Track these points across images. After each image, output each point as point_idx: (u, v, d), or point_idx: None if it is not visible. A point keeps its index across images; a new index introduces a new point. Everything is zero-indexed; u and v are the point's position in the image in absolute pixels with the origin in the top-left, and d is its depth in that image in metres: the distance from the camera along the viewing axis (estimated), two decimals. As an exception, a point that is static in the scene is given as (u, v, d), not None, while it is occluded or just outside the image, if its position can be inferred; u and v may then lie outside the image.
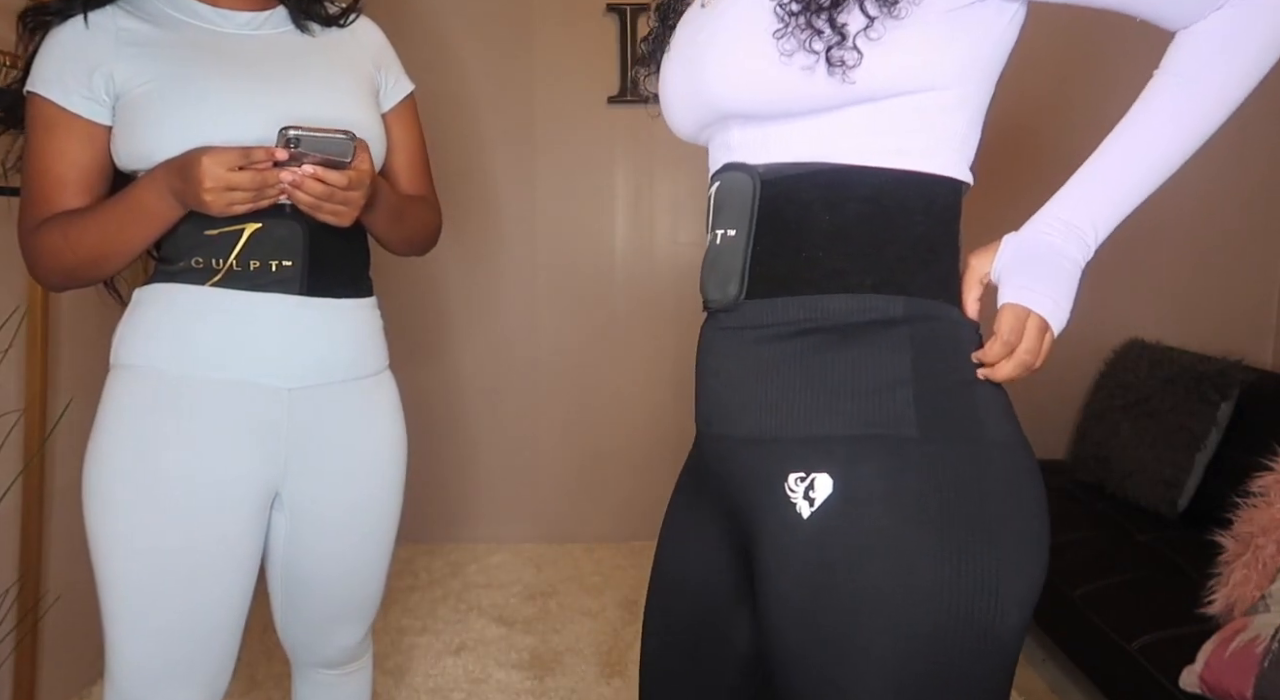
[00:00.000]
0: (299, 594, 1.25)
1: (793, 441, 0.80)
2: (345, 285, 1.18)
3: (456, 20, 2.81)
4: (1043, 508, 0.81)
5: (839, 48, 0.75)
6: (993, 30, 0.80)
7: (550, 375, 3.00)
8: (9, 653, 1.80)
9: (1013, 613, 0.77)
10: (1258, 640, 1.48)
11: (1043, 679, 2.20)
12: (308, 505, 1.19)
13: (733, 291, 0.85)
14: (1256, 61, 0.75)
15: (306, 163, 1.01)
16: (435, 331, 2.96)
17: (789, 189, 0.82)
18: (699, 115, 0.89)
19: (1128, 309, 2.80)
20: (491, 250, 2.94)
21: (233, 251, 1.08)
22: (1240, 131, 2.98)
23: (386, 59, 1.28)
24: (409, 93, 1.31)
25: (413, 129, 1.31)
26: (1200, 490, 2.26)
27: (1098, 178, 0.80)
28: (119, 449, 1.08)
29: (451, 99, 2.83)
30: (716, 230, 0.87)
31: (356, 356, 1.20)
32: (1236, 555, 1.69)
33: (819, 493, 0.78)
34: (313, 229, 1.11)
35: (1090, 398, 2.70)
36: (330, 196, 1.04)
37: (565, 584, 2.73)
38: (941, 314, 0.81)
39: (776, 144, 0.83)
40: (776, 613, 0.81)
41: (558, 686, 2.15)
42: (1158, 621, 1.76)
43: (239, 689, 2.09)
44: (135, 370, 1.10)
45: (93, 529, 1.10)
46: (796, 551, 0.79)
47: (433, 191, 1.36)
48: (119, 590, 1.09)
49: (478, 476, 3.04)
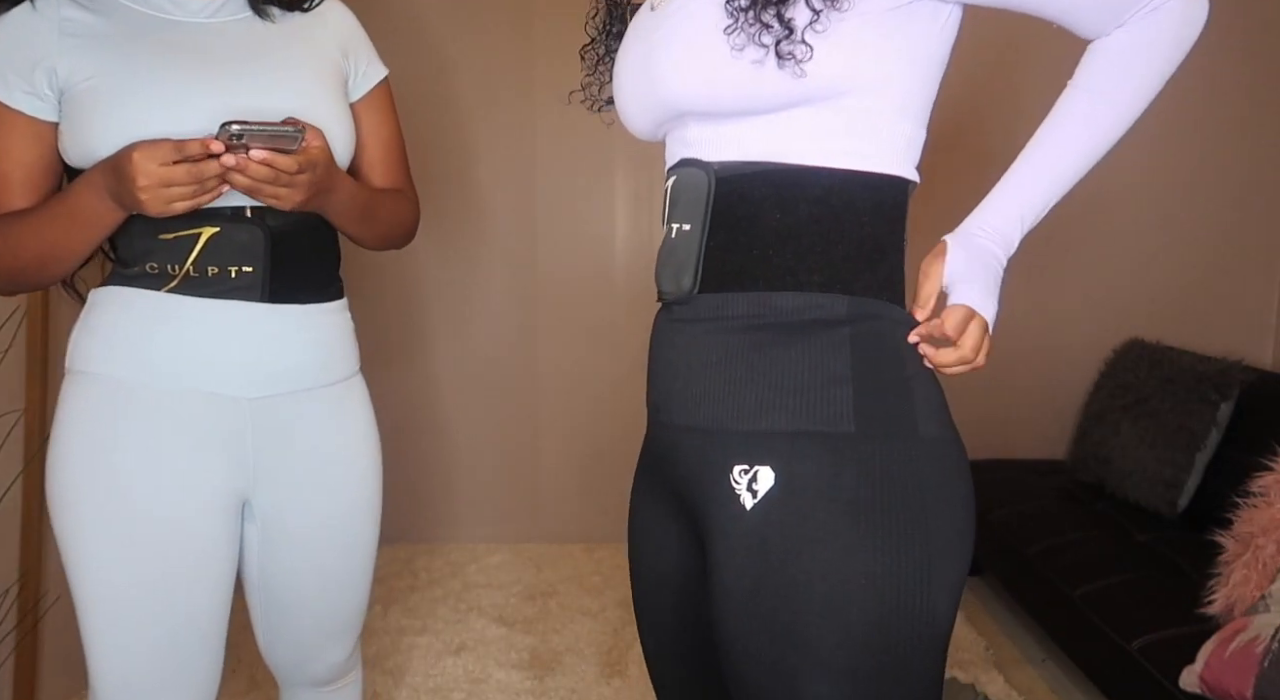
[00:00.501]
0: (278, 612, 1.21)
1: (737, 434, 0.84)
2: (311, 290, 1.13)
3: (457, 15, 2.81)
4: (970, 502, 0.86)
5: (788, 42, 0.78)
6: (931, 29, 0.83)
7: (551, 375, 3.00)
8: (9, 653, 1.80)
9: (944, 601, 0.81)
10: (1258, 640, 1.48)
11: (1043, 679, 2.20)
12: (276, 515, 1.15)
13: (686, 284, 0.87)
14: (1158, 75, 0.82)
15: (253, 149, 0.95)
16: (435, 331, 2.96)
17: (742, 187, 0.84)
18: (656, 113, 0.91)
19: (1128, 309, 2.80)
20: (493, 250, 2.94)
21: (189, 256, 1.03)
22: (1240, 132, 2.98)
23: (355, 44, 1.20)
24: (382, 78, 1.23)
25: (387, 117, 1.24)
26: (1200, 490, 2.26)
27: (1024, 185, 0.86)
28: (78, 461, 1.04)
29: (451, 97, 2.83)
30: (672, 224, 0.90)
31: (323, 364, 1.15)
32: (1236, 555, 1.69)
33: (761, 485, 0.82)
34: (275, 233, 1.06)
35: (1090, 398, 2.70)
36: (275, 179, 0.98)
37: (565, 584, 2.73)
38: (883, 313, 0.85)
39: (731, 142, 0.85)
40: (722, 603, 0.84)
41: (558, 686, 2.15)
42: (1158, 621, 1.76)
43: (240, 689, 2.09)
44: (92, 378, 1.06)
45: (61, 544, 1.06)
46: (741, 542, 0.82)
47: (410, 184, 1.30)
48: (94, 609, 1.05)
49: (478, 476, 3.04)
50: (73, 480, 1.04)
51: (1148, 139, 2.93)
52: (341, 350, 1.19)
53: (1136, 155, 2.78)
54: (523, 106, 2.85)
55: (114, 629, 1.06)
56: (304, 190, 1.02)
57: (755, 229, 0.84)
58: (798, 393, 0.82)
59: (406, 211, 1.27)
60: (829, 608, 0.79)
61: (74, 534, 1.05)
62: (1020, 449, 2.86)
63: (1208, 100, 2.72)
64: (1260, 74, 2.70)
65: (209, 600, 1.09)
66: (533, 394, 3.01)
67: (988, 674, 2.18)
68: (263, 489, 1.13)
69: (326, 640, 1.25)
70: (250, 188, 0.98)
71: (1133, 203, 2.78)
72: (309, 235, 1.11)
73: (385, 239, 1.25)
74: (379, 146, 1.23)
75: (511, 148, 2.88)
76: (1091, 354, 2.75)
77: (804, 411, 0.81)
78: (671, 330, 0.91)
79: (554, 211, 2.93)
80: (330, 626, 1.24)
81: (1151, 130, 3.22)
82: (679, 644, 1.00)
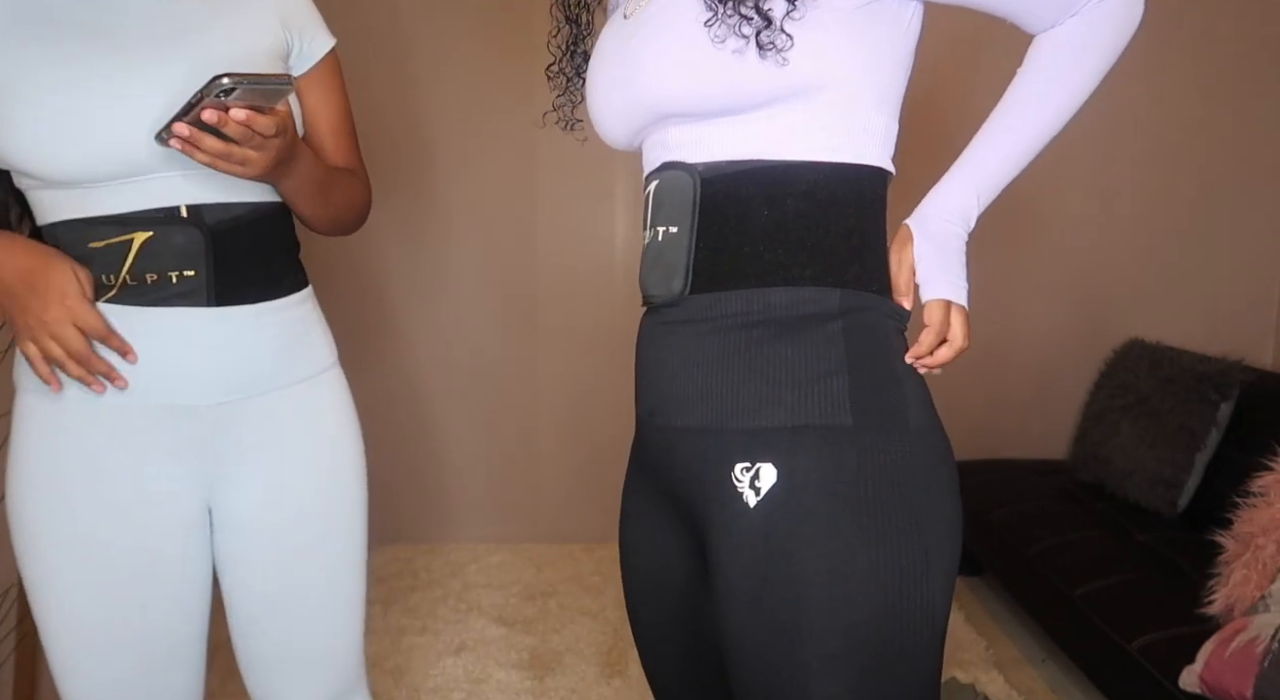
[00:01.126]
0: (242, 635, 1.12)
1: (737, 432, 0.84)
2: (263, 286, 1.04)
3: (457, 13, 2.81)
4: (958, 491, 0.88)
5: (768, 32, 0.79)
6: (900, 23, 0.86)
7: (551, 374, 3.00)
8: (9, 653, 1.80)
9: (941, 590, 0.83)
10: (1258, 640, 1.48)
11: (1043, 679, 2.20)
12: (240, 527, 1.07)
13: (676, 286, 0.88)
14: (1106, 60, 0.86)
15: (232, 107, 0.87)
16: (435, 331, 2.96)
17: (729, 186, 0.85)
18: (634, 119, 0.91)
19: (1128, 309, 2.81)
20: (492, 249, 2.94)
21: (124, 264, 0.96)
22: (1240, 131, 2.98)
23: (298, 15, 1.09)
24: (329, 49, 1.12)
25: (335, 92, 1.14)
26: (1200, 490, 2.26)
27: (980, 167, 0.88)
28: (28, 486, 0.99)
29: (452, 96, 2.83)
30: (657, 227, 0.91)
31: (283, 363, 1.07)
32: (1236, 555, 1.69)
33: (764, 482, 0.82)
34: (215, 231, 0.98)
35: (1090, 398, 2.70)
36: (249, 140, 0.90)
37: (565, 584, 2.73)
38: (872, 305, 0.86)
39: (715, 142, 0.86)
40: (727, 602, 0.84)
41: (558, 686, 2.15)
42: (1158, 621, 1.76)
43: (239, 689, 2.09)
44: (37, 394, 0.99)
45: (21, 572, 1.00)
46: (746, 540, 0.82)
47: (360, 163, 1.20)
48: (59, 640, 1.01)
49: (478, 476, 3.04)
50: (24, 505, 0.99)
51: (1148, 139, 2.94)
52: (305, 345, 1.10)
53: (1137, 155, 2.79)
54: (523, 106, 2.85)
55: (82, 659, 1.01)
56: (273, 154, 0.94)
57: (744, 227, 0.85)
58: (795, 387, 0.83)
59: (358, 192, 1.18)
60: (834, 605, 0.79)
61: (31, 561, 1.00)
62: (1020, 449, 2.86)
63: (1208, 100, 2.72)
64: (1261, 73, 2.70)
65: (182, 622, 1.04)
66: (533, 393, 3.01)
67: (988, 674, 2.18)
68: (226, 499, 1.06)
69: (297, 673, 1.13)
70: (224, 152, 0.89)
71: (1133, 203, 2.79)
72: (256, 228, 1.03)
73: (337, 221, 1.16)
74: (326, 123, 1.13)
75: (512, 148, 2.88)
76: (1091, 354, 2.75)
77: (802, 406, 0.82)
78: (662, 333, 0.91)
79: (553, 211, 2.93)
80: (300, 657, 1.12)
81: (1152, 130, 3.22)
82: (677, 646, 1.00)
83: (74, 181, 0.93)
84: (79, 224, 0.95)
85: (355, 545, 1.14)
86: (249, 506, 1.07)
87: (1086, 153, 2.68)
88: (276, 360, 1.06)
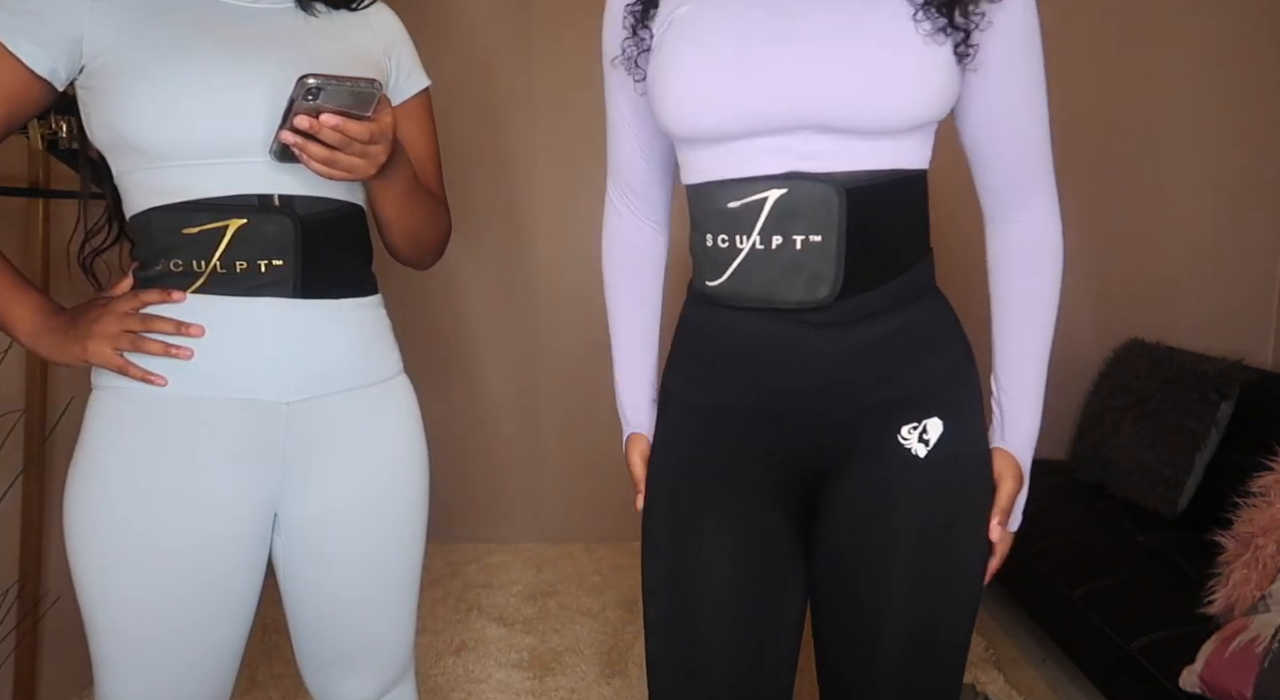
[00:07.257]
0: (300, 631, 1.14)
1: (900, 399, 0.95)
2: (345, 283, 1.07)
3: (467, 13, 2.81)
4: None
5: (964, 45, 0.88)
6: None
7: (550, 375, 3.00)
8: (9, 653, 1.80)
9: None
10: (1258, 640, 1.48)
11: (1043, 679, 2.20)
12: (304, 528, 1.08)
13: (823, 293, 0.92)
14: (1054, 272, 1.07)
15: (324, 112, 0.90)
16: (434, 332, 2.96)
17: (873, 197, 0.91)
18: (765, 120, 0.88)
19: (1128, 309, 2.80)
20: (492, 251, 2.94)
21: (215, 252, 0.98)
22: (1240, 132, 2.97)
23: (401, 49, 1.16)
24: (423, 88, 1.19)
25: (425, 128, 1.20)
26: (1200, 490, 2.26)
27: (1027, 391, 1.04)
28: (102, 485, 0.99)
29: (465, 99, 2.83)
30: (793, 236, 0.90)
31: (361, 362, 1.10)
32: (1236, 555, 1.69)
33: (932, 434, 0.95)
34: (306, 223, 1.01)
35: (1090, 398, 2.70)
36: (348, 147, 0.93)
37: (565, 584, 2.73)
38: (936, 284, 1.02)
39: (858, 153, 0.90)
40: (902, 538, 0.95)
41: (558, 686, 2.15)
42: (1158, 621, 1.76)
43: (239, 688, 2.09)
44: (118, 392, 1.00)
45: (75, 569, 1.00)
46: (915, 486, 0.94)
47: (444, 197, 1.25)
48: (108, 640, 1.01)
49: (478, 476, 3.04)
50: (95, 505, 0.99)
51: (1148, 140, 2.93)
52: (380, 348, 1.14)
53: (1136, 155, 2.79)
54: (530, 113, 2.85)
55: (129, 660, 1.01)
56: (378, 163, 0.97)
57: (887, 232, 0.93)
58: (936, 348, 0.97)
59: (442, 217, 1.23)
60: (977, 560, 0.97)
61: (91, 562, 0.99)
62: (1020, 449, 2.85)
63: (1207, 101, 2.72)
64: (1260, 73, 2.70)
65: (231, 632, 1.05)
66: (532, 394, 3.01)
67: (988, 674, 2.18)
68: (289, 501, 1.07)
69: (350, 669, 1.16)
70: (327, 158, 0.93)
71: (1132, 203, 2.78)
72: (341, 225, 1.05)
73: (417, 241, 1.19)
74: (415, 156, 1.18)
75: (510, 147, 2.88)
76: (1091, 354, 2.75)
77: (944, 366, 0.97)
78: (797, 333, 0.94)
79: (557, 213, 2.93)
80: (361, 654, 1.15)
81: (1152, 130, 3.22)
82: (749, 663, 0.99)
83: (182, 155, 0.96)
84: (175, 210, 0.98)
85: (416, 546, 1.18)
86: (318, 510, 1.08)
87: (1083, 154, 2.68)
88: (353, 358, 1.09)
